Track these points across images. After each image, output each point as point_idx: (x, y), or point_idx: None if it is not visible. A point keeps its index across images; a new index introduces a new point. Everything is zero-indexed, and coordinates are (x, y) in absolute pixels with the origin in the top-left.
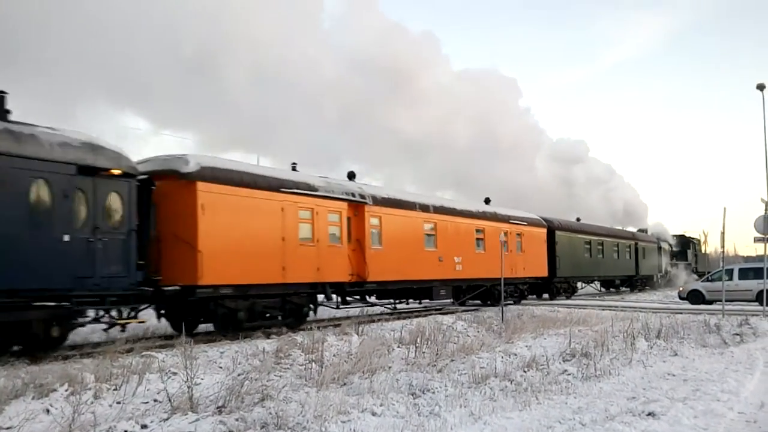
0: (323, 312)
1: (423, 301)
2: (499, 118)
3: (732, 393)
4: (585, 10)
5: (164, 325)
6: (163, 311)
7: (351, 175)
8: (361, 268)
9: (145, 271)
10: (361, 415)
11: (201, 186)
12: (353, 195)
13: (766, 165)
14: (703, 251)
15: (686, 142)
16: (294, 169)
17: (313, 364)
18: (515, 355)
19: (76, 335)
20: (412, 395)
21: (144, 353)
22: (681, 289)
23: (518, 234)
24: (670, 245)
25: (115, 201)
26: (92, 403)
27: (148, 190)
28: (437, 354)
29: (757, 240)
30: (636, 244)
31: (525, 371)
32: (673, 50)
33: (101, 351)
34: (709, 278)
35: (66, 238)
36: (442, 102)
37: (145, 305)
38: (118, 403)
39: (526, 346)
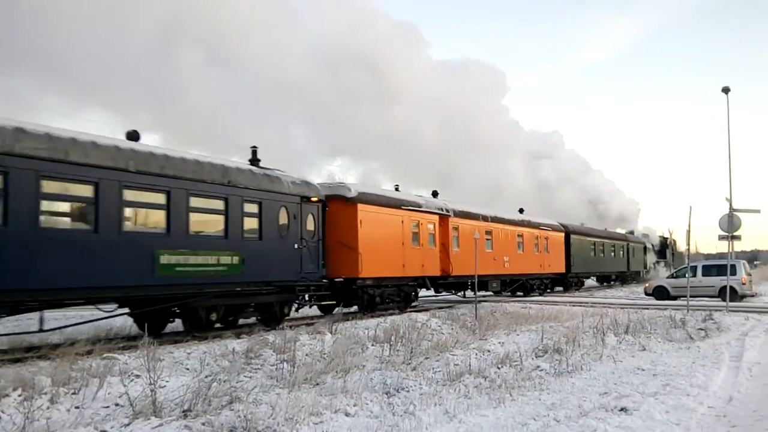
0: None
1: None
2: (480, 113)
3: (701, 387)
4: (556, 12)
5: (128, 325)
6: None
7: (435, 193)
8: (445, 265)
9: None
10: (334, 416)
11: (360, 207)
12: (441, 209)
13: (729, 165)
14: (678, 250)
15: (656, 141)
16: (397, 189)
17: (285, 364)
18: (489, 351)
19: (34, 338)
20: (387, 394)
21: (105, 355)
22: (647, 285)
23: (545, 238)
24: (653, 245)
25: (311, 219)
26: (48, 408)
27: (324, 209)
28: (411, 352)
29: (721, 238)
30: (627, 244)
31: (499, 368)
32: (642, 52)
33: (60, 353)
34: (674, 275)
35: (296, 246)
36: (421, 94)
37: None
38: (77, 407)
39: (500, 343)
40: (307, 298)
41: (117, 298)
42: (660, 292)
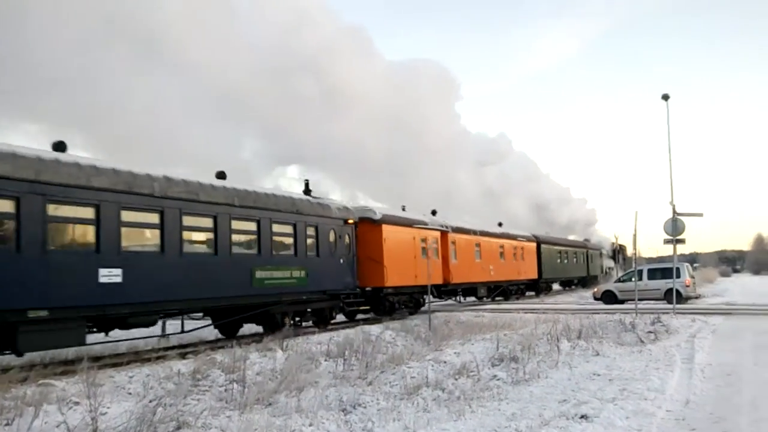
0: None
1: (468, 297)
2: (431, 118)
3: (658, 391)
4: (501, 19)
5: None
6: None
7: (434, 212)
8: (446, 275)
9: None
10: None
11: (384, 227)
12: (442, 226)
13: (670, 170)
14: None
15: (601, 148)
16: (403, 209)
17: (235, 384)
18: (445, 362)
19: None
20: (343, 411)
21: (41, 381)
22: (596, 290)
23: (521, 248)
24: (606, 251)
25: (347, 238)
26: None
27: (356, 229)
28: (367, 366)
29: (666, 241)
30: (587, 251)
31: (456, 379)
32: (586, 59)
33: None
34: (621, 279)
35: (341, 261)
36: (371, 98)
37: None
38: None
39: (455, 353)
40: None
41: (225, 306)
42: (608, 297)
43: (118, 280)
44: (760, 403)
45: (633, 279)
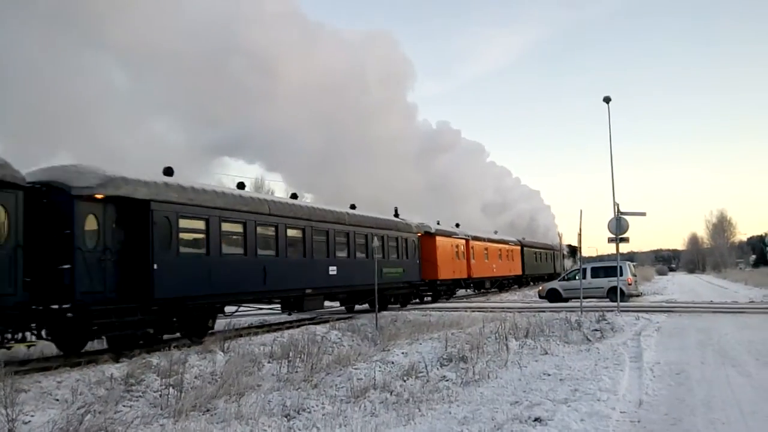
0: None
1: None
2: (380, 106)
3: (610, 392)
4: (441, 26)
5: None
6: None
7: (457, 225)
8: (468, 272)
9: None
10: None
11: (438, 238)
12: (466, 236)
13: (612, 170)
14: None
15: (546, 149)
16: (438, 223)
17: (171, 389)
18: (392, 363)
19: None
20: (286, 417)
21: None
22: (540, 288)
23: (511, 250)
24: (567, 252)
25: (413, 246)
26: None
27: (420, 239)
28: (312, 368)
29: (610, 240)
30: (554, 252)
31: (404, 380)
32: (526, 64)
33: None
34: (565, 277)
35: (417, 261)
36: (313, 87)
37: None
38: None
39: (403, 353)
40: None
41: (362, 290)
42: (553, 295)
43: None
44: (713, 404)
45: (577, 277)
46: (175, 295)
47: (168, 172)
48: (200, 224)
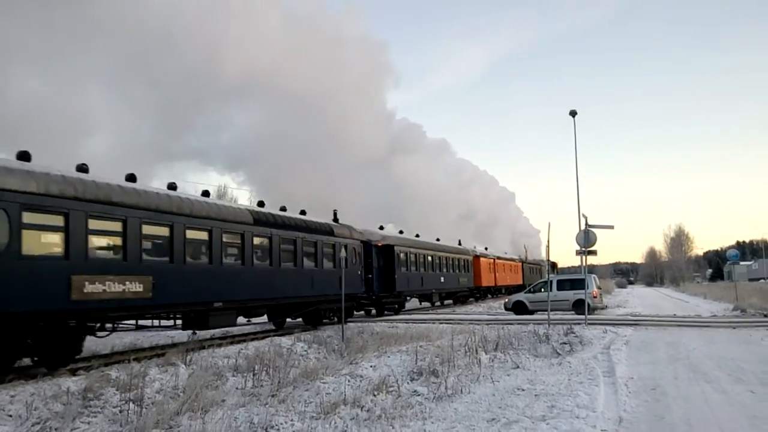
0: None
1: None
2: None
3: (588, 408)
4: (409, 38)
5: None
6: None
7: (459, 242)
8: (477, 282)
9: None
10: None
11: (481, 258)
12: (476, 254)
13: (577, 182)
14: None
15: (515, 162)
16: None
17: (131, 404)
18: (361, 377)
19: None
20: None
21: None
22: (507, 300)
23: (514, 266)
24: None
25: (470, 263)
26: None
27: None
28: (279, 382)
29: (578, 252)
30: (540, 267)
31: (375, 395)
32: (494, 77)
33: None
34: (531, 290)
35: (472, 274)
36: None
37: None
38: None
39: (372, 366)
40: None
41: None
42: (519, 307)
43: None
44: (693, 422)
45: (544, 289)
46: (24, 309)
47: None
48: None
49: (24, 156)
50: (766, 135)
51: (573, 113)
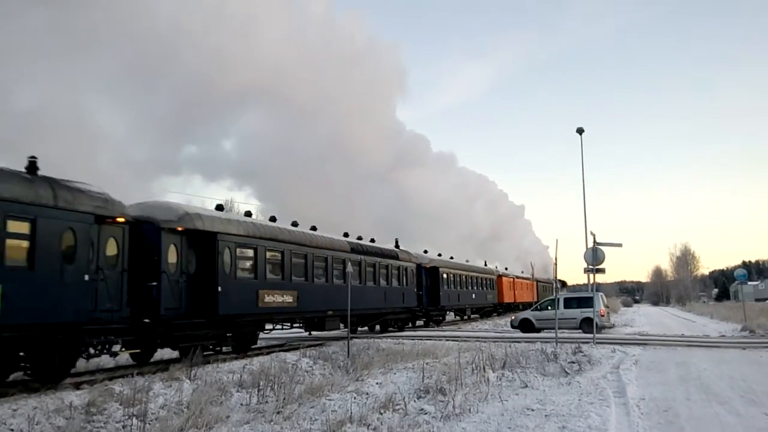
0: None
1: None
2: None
3: (600, 430)
4: (413, 55)
5: None
6: None
7: (485, 263)
8: (500, 298)
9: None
10: None
11: (502, 278)
12: (500, 274)
13: (584, 200)
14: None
15: (523, 180)
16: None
17: (135, 419)
18: (367, 394)
19: None
20: None
21: None
22: (513, 318)
23: (530, 284)
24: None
25: (493, 282)
26: None
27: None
28: (284, 399)
29: (586, 270)
30: (553, 285)
31: (381, 413)
32: (498, 95)
33: None
34: (538, 307)
35: (495, 291)
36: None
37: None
38: None
39: (378, 384)
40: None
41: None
42: (525, 325)
43: None
44: None
45: (551, 307)
46: (232, 312)
47: (221, 207)
48: (255, 253)
49: (221, 207)
50: None
51: (580, 131)
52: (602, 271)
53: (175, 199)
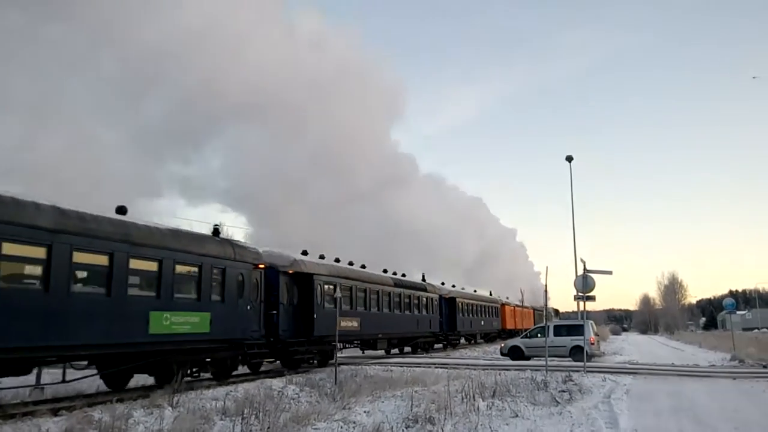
0: None
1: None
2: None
3: None
4: (415, 80)
5: None
6: None
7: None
8: (503, 325)
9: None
10: None
11: (505, 306)
12: (503, 303)
13: (573, 228)
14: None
15: (512, 207)
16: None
17: None
18: (355, 423)
19: None
20: None
21: None
22: (502, 345)
23: (530, 312)
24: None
25: (498, 311)
26: None
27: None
28: (269, 428)
29: (576, 298)
30: (543, 312)
31: None
32: (487, 123)
33: None
34: (528, 335)
35: (499, 318)
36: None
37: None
38: None
39: (365, 412)
40: None
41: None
42: (514, 352)
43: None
44: None
45: (541, 335)
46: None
47: (321, 257)
48: (334, 289)
49: (321, 257)
50: (760, 185)
51: (569, 158)
52: (592, 298)
53: (159, 220)
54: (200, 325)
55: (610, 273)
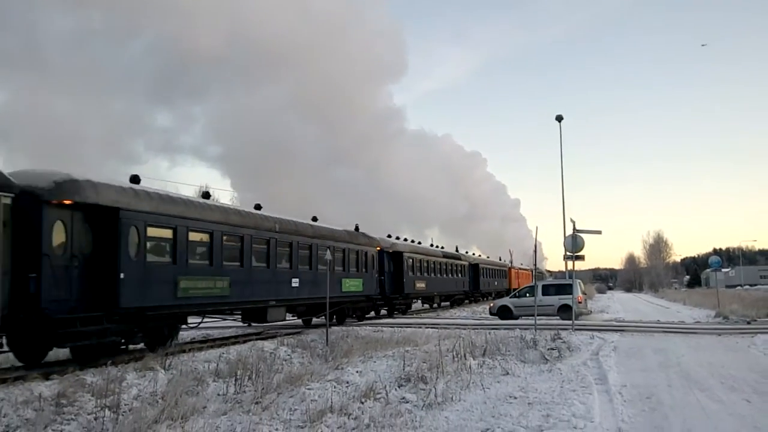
0: None
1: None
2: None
3: (585, 418)
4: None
5: None
6: None
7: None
8: (510, 285)
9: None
10: None
11: (511, 269)
12: (512, 266)
13: (562, 188)
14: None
15: (501, 168)
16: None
17: (107, 411)
18: (348, 383)
19: None
20: None
21: None
22: (491, 305)
23: (527, 273)
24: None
25: (506, 273)
26: None
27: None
28: (262, 389)
29: (566, 257)
30: (542, 274)
31: (362, 402)
32: (479, 82)
33: None
34: (516, 294)
35: (508, 278)
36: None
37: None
38: None
39: (357, 372)
40: None
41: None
42: (504, 312)
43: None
44: (694, 431)
45: (529, 294)
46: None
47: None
48: (412, 261)
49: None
50: (743, 144)
51: (559, 118)
52: (582, 258)
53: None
54: (358, 286)
55: (599, 233)
